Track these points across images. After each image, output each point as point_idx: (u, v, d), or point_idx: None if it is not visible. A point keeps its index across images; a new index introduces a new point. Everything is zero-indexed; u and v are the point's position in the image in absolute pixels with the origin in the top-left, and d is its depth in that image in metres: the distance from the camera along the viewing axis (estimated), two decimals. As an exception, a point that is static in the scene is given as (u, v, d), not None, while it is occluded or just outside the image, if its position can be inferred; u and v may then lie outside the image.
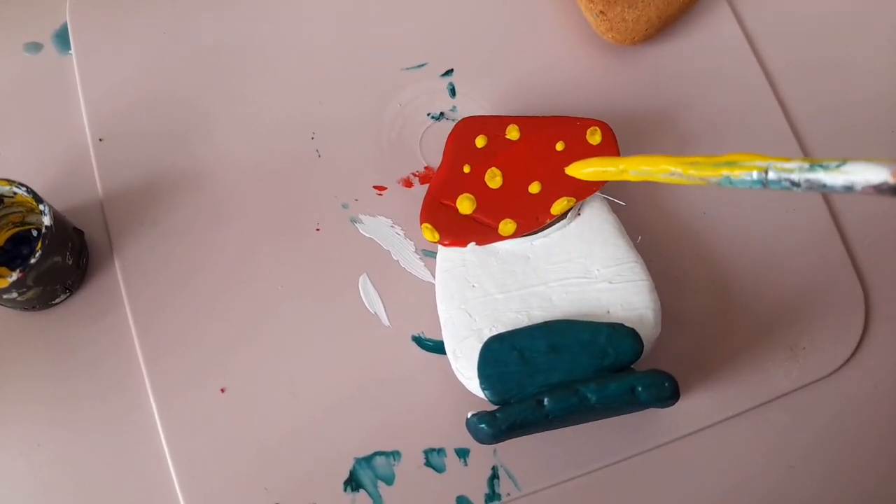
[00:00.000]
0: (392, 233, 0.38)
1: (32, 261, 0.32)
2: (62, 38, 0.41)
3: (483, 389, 0.32)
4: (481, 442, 0.32)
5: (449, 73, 0.40)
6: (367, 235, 0.38)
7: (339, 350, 0.36)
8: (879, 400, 0.37)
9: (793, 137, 0.40)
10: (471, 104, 0.40)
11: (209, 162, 0.39)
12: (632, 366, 0.32)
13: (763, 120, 0.40)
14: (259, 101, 0.40)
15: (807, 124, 0.40)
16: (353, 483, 0.35)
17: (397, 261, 0.38)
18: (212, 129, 0.39)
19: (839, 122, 0.40)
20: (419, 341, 0.37)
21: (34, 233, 0.37)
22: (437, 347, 0.36)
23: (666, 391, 0.30)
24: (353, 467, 0.35)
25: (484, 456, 0.35)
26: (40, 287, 0.34)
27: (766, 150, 0.39)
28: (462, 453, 0.35)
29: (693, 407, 0.36)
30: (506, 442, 0.33)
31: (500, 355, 0.32)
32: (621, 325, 0.32)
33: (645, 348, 0.32)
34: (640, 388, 0.30)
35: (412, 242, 0.38)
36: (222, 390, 0.36)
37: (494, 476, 0.35)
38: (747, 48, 0.41)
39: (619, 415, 0.33)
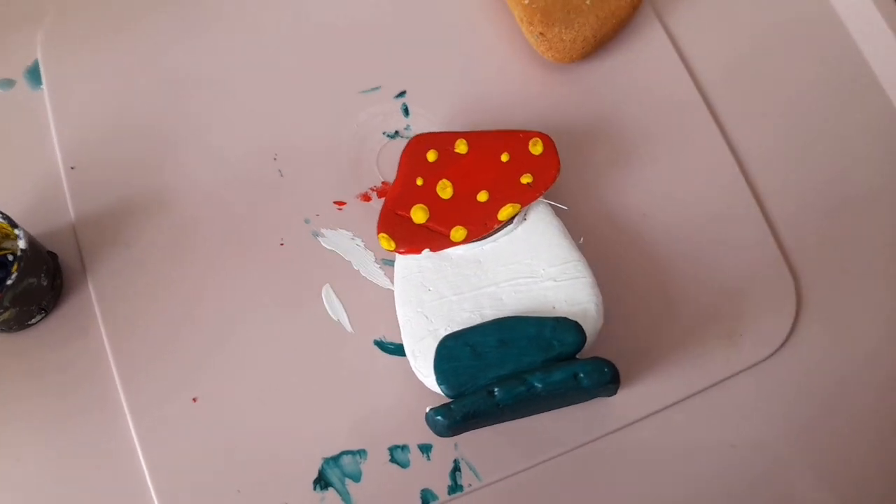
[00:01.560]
0: (353, 244, 0.40)
1: (9, 282, 0.34)
2: (34, 74, 0.43)
3: (439, 384, 0.34)
4: (440, 434, 0.34)
5: (402, 94, 0.43)
6: (329, 248, 0.40)
7: (305, 356, 0.38)
8: (812, 381, 0.39)
9: (726, 148, 0.43)
10: (423, 122, 0.43)
11: (177, 186, 0.41)
12: (577, 356, 0.34)
13: (696, 131, 0.43)
14: (223, 126, 0.42)
15: (735, 130, 0.43)
16: (322, 482, 0.36)
17: (358, 270, 0.40)
18: (179, 155, 0.42)
19: (771, 132, 0.43)
20: (381, 345, 0.39)
21: (10, 258, 0.38)
22: (398, 350, 0.38)
23: (606, 376, 0.32)
24: (322, 467, 0.37)
25: (446, 450, 0.37)
26: (16, 308, 0.36)
27: (700, 160, 0.42)
28: (425, 448, 0.37)
29: (639, 395, 0.38)
30: (465, 435, 0.35)
31: (454, 352, 0.34)
32: (565, 319, 0.34)
33: (589, 339, 0.35)
34: (581, 375, 0.32)
35: (372, 253, 0.40)
36: (194, 399, 0.37)
37: (456, 469, 0.37)
38: (679, 63, 0.44)
39: (568, 404, 0.36)
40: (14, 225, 0.35)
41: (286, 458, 0.37)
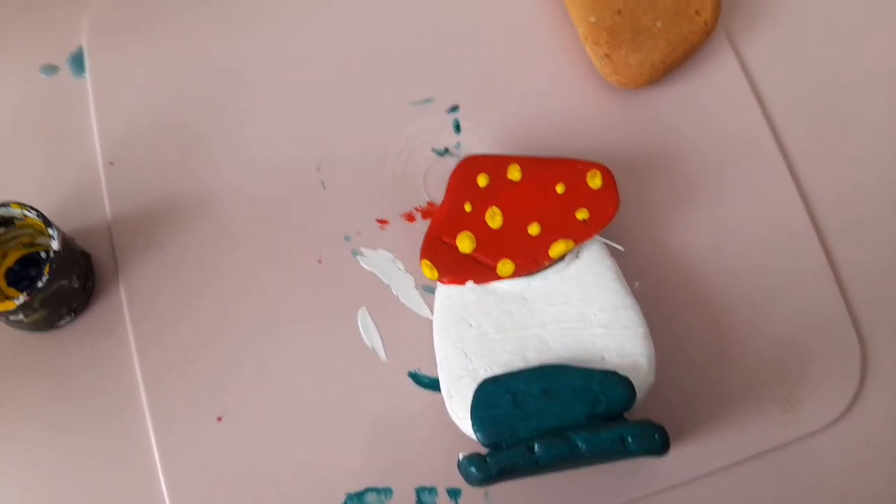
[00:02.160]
0: (393, 267, 0.38)
1: (39, 284, 0.33)
2: (78, 62, 0.42)
3: (475, 431, 0.32)
4: (471, 484, 0.32)
5: (454, 109, 0.41)
6: (368, 269, 0.38)
7: (336, 383, 0.37)
8: (874, 455, 0.37)
9: (795, 191, 0.40)
10: (475, 140, 0.40)
11: (217, 189, 0.40)
12: (624, 413, 0.32)
13: (764, 171, 0.40)
14: (267, 130, 0.40)
15: (806, 173, 0.40)
16: (344, 518, 0.35)
17: (397, 296, 0.38)
18: (220, 156, 0.40)
19: (839, 173, 0.41)
20: (415, 377, 0.37)
21: (42, 255, 0.37)
22: (433, 384, 0.36)
23: (656, 443, 0.30)
24: (345, 503, 0.35)
25: (476, 497, 0.35)
26: (46, 310, 0.35)
27: (763, 197, 0.40)
28: (454, 493, 0.35)
29: (684, 456, 0.36)
30: (498, 485, 0.33)
31: (493, 398, 0.32)
32: (614, 373, 0.32)
33: (638, 396, 0.32)
34: (630, 439, 0.30)
35: (412, 277, 0.38)
36: (219, 419, 0.36)
37: (485, 517, 0.35)
38: (750, 94, 0.41)
39: (609, 462, 0.34)
40: (49, 224, 0.34)
41: (308, 491, 0.35)
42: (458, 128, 0.41)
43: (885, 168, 0.41)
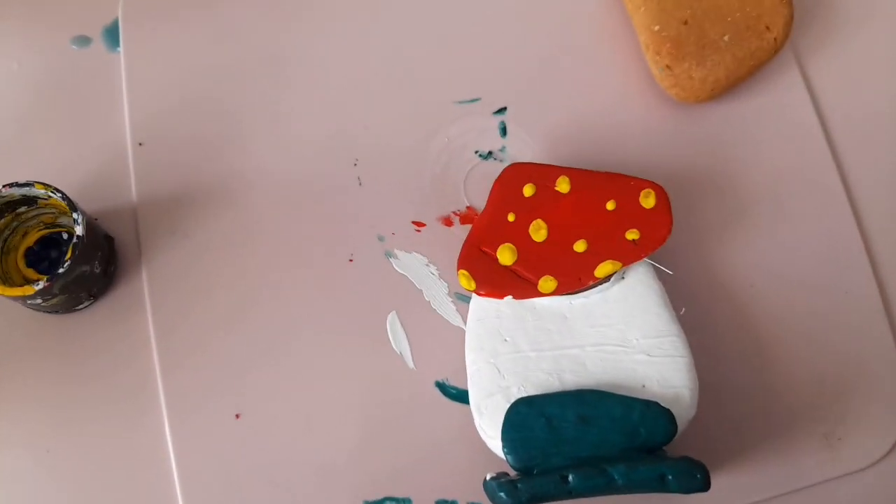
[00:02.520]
0: (426, 272, 0.37)
1: (61, 270, 0.32)
2: (112, 34, 0.40)
3: (506, 454, 0.31)
4: (497, 507, 0.31)
5: (502, 111, 0.39)
6: (401, 272, 0.37)
7: (360, 387, 0.35)
8: (914, 502, 0.35)
9: (851, 216, 0.38)
10: (521, 145, 0.39)
11: (247, 176, 0.38)
12: (663, 447, 0.31)
13: (822, 198, 0.38)
14: (305, 120, 0.39)
15: (866, 204, 0.39)
16: (360, 528, 0.34)
17: (428, 301, 0.37)
18: (253, 142, 0.38)
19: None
20: (442, 388, 0.36)
21: (64, 235, 0.36)
22: (461, 396, 0.35)
23: (697, 483, 0.29)
24: (363, 511, 0.34)
25: (497, 515, 0.34)
26: (65, 295, 0.33)
27: (819, 226, 0.38)
28: (475, 510, 0.34)
29: (719, 488, 0.34)
30: (522, 505, 0.32)
31: (527, 420, 0.31)
32: (656, 404, 0.31)
33: (679, 429, 0.31)
34: (670, 477, 0.29)
35: (446, 284, 0.37)
36: (237, 416, 0.35)
37: (506, 537, 0.34)
38: (814, 118, 0.39)
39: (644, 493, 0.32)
40: (73, 207, 0.33)
41: (326, 495, 0.34)
42: (504, 131, 0.39)
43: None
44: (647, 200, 0.34)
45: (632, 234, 0.34)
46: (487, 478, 0.31)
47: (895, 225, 0.38)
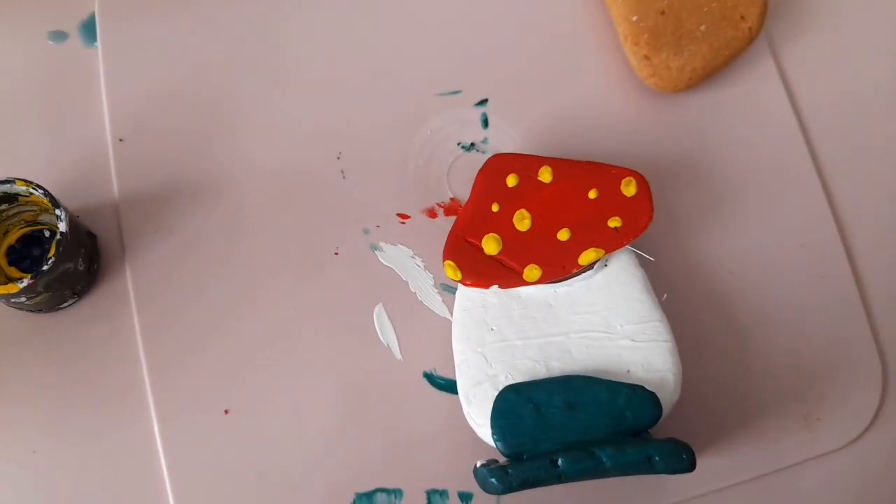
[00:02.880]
0: (412, 264, 0.37)
1: (45, 267, 0.31)
2: (89, 29, 0.39)
3: (495, 441, 0.31)
4: (488, 493, 0.31)
5: (483, 102, 0.39)
6: (386, 264, 0.37)
7: (348, 379, 0.36)
8: (892, 475, 0.36)
9: (827, 208, 0.39)
10: (503, 137, 0.39)
11: (231, 171, 0.38)
12: (648, 430, 0.31)
13: (797, 186, 0.39)
14: (286, 112, 0.39)
15: (840, 190, 0.40)
16: (352, 519, 0.34)
17: (415, 293, 0.37)
18: (235, 137, 0.38)
19: (873, 192, 0.40)
20: (430, 378, 0.36)
21: (46, 233, 0.36)
22: (449, 386, 0.36)
23: (683, 463, 0.30)
24: (354, 502, 0.34)
25: (487, 502, 0.34)
26: (49, 293, 0.33)
27: (795, 212, 0.39)
28: (465, 497, 0.34)
29: (702, 470, 0.35)
30: (511, 492, 0.32)
31: (515, 407, 0.31)
32: (641, 388, 0.31)
33: (663, 412, 0.32)
34: (657, 458, 0.30)
35: (431, 275, 0.37)
36: (226, 411, 0.35)
37: (496, 524, 0.34)
38: (788, 106, 0.40)
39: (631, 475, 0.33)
40: (56, 204, 0.32)
41: (316, 489, 0.34)
42: (486, 122, 0.39)
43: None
44: (629, 188, 0.35)
45: (614, 222, 0.34)
46: (478, 465, 0.31)
47: (868, 210, 0.39)
